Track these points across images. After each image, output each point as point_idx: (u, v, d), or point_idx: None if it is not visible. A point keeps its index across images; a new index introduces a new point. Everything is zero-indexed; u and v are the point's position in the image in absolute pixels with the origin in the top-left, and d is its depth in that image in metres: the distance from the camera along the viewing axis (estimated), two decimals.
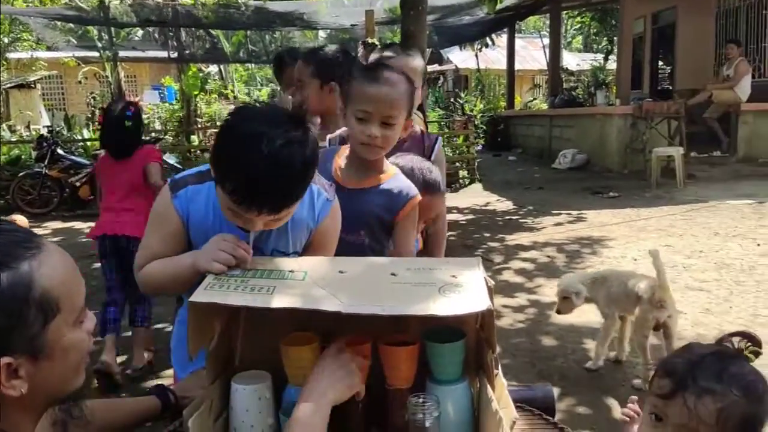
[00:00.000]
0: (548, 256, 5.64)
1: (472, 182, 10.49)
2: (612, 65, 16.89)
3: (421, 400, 1.11)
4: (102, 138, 3.80)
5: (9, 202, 8.99)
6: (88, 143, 11.12)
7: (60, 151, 9.22)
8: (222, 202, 1.28)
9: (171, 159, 9.11)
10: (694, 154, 9.31)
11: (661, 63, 13.63)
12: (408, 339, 1.20)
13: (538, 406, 1.41)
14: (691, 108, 9.28)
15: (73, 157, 9.47)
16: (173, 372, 1.68)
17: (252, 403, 1.17)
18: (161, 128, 13.53)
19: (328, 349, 1.16)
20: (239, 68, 22.56)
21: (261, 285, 1.15)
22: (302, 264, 1.25)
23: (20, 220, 5.01)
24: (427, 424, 1.09)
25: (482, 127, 14.87)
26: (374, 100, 1.58)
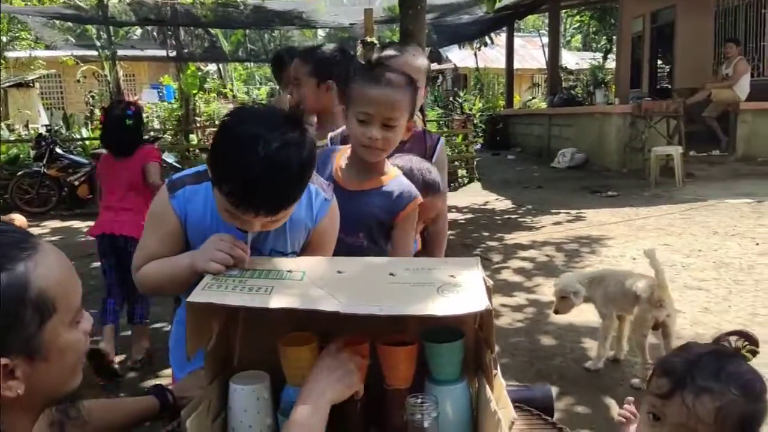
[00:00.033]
0: (547, 255, 5.64)
1: (471, 181, 10.49)
2: (611, 64, 16.88)
3: (420, 401, 1.10)
4: (103, 137, 3.85)
5: (7, 202, 8.98)
6: (87, 142, 11.10)
7: (58, 150, 9.21)
8: (219, 204, 1.28)
9: (170, 158, 9.10)
10: (693, 153, 9.32)
11: (660, 62, 13.63)
12: (407, 339, 1.20)
13: (537, 406, 1.41)
14: (690, 107, 9.28)
15: (72, 156, 9.46)
16: (171, 372, 1.68)
17: (250, 404, 1.17)
18: (160, 127, 13.50)
19: (327, 349, 1.16)
20: (238, 67, 22.55)
21: (259, 285, 1.15)
22: (300, 264, 1.25)
23: (19, 220, 5.02)
24: (426, 425, 1.09)
25: (481, 126, 14.86)
26: (375, 102, 1.57)
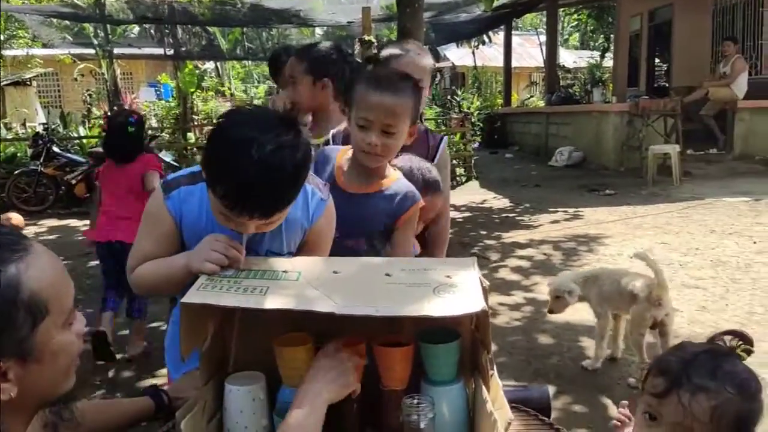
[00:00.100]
0: (545, 254, 5.64)
1: (469, 180, 10.49)
2: (609, 62, 16.90)
3: (416, 402, 1.10)
4: (105, 144, 3.95)
5: (4, 200, 8.96)
6: (84, 141, 11.09)
7: (56, 149, 9.20)
8: (213, 206, 1.27)
9: (167, 156, 9.08)
10: (691, 152, 9.32)
11: (658, 60, 13.65)
12: (402, 340, 1.19)
13: (534, 407, 1.41)
14: (688, 105, 9.28)
15: (69, 155, 9.44)
16: (167, 372, 1.68)
17: (246, 404, 1.17)
18: (157, 126, 13.49)
19: (324, 350, 1.15)
20: (236, 65, 22.55)
21: (254, 285, 1.14)
22: (296, 264, 1.25)
23: (16, 219, 5.00)
24: (422, 426, 1.08)
25: (479, 125, 14.85)
26: (375, 108, 1.55)
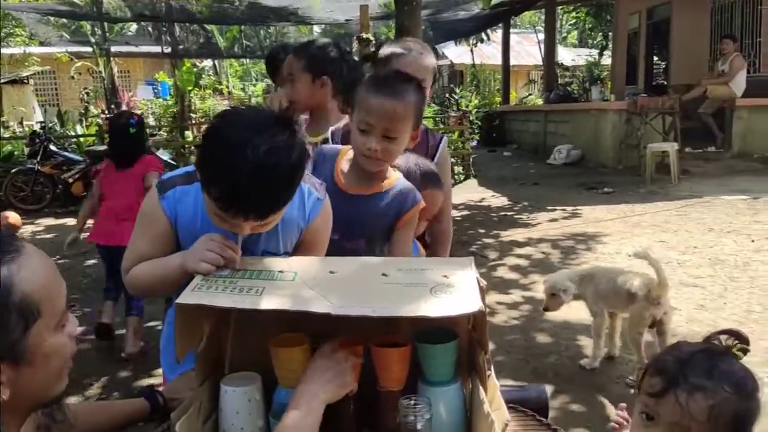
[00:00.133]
0: (543, 253, 5.63)
1: (467, 178, 10.49)
2: (607, 60, 16.91)
3: (413, 402, 1.09)
4: (109, 148, 4.04)
5: (1, 199, 8.93)
6: (81, 139, 11.06)
7: (53, 148, 9.18)
8: (208, 207, 1.26)
9: (165, 155, 9.07)
10: (689, 150, 9.32)
11: (656, 58, 13.65)
12: (399, 340, 1.18)
13: (532, 407, 1.40)
14: (686, 103, 9.28)
15: (66, 154, 9.42)
16: (162, 372, 1.67)
17: (242, 405, 1.16)
18: (155, 124, 13.46)
19: (320, 350, 1.15)
20: (234, 63, 22.54)
21: (250, 286, 1.13)
22: (292, 264, 1.24)
23: (12, 217, 4.97)
24: (419, 426, 1.07)
25: (477, 123, 14.83)
26: (376, 113, 1.53)
